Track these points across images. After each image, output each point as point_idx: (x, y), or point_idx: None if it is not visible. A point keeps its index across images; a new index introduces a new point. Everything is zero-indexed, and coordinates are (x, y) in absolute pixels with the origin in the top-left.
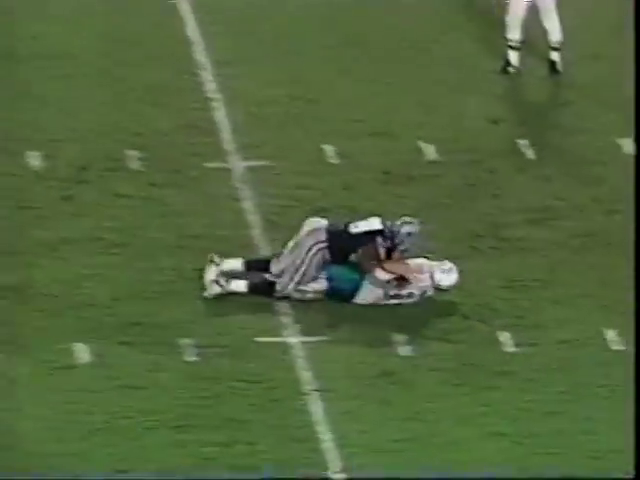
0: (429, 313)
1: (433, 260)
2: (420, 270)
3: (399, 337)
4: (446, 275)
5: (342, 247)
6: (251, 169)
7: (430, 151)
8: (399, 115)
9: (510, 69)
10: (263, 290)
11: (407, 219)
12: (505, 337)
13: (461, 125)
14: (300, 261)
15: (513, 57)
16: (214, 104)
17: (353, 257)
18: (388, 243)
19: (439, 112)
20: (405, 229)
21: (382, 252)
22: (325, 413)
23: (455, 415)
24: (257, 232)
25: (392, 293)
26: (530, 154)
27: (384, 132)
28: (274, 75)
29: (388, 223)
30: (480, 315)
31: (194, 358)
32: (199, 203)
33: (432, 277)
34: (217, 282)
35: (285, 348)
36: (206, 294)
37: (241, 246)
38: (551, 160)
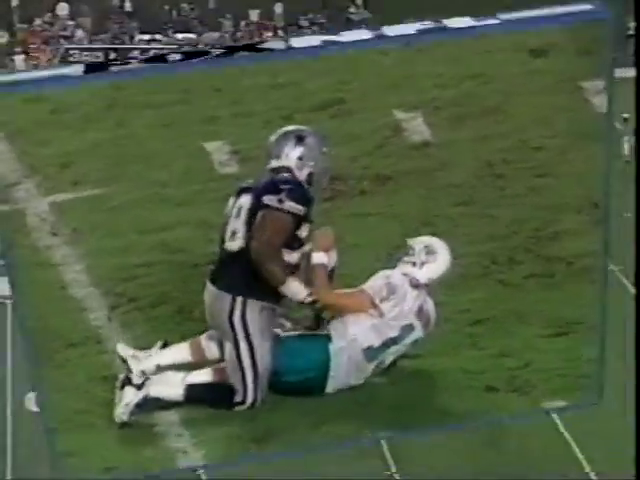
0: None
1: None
2: (388, 290)
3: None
4: (431, 263)
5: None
6: (64, 206)
7: (416, 125)
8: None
9: None
10: (215, 397)
11: (288, 131)
12: None
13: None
14: (231, 333)
15: None
16: None
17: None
18: (294, 201)
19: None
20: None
21: (301, 228)
22: None
23: None
24: (94, 319)
25: (376, 344)
26: None
27: (329, 101)
28: None
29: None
30: None
31: None
32: None
33: (412, 283)
34: (139, 405)
35: None
36: (119, 414)
37: (61, 347)
38: None
